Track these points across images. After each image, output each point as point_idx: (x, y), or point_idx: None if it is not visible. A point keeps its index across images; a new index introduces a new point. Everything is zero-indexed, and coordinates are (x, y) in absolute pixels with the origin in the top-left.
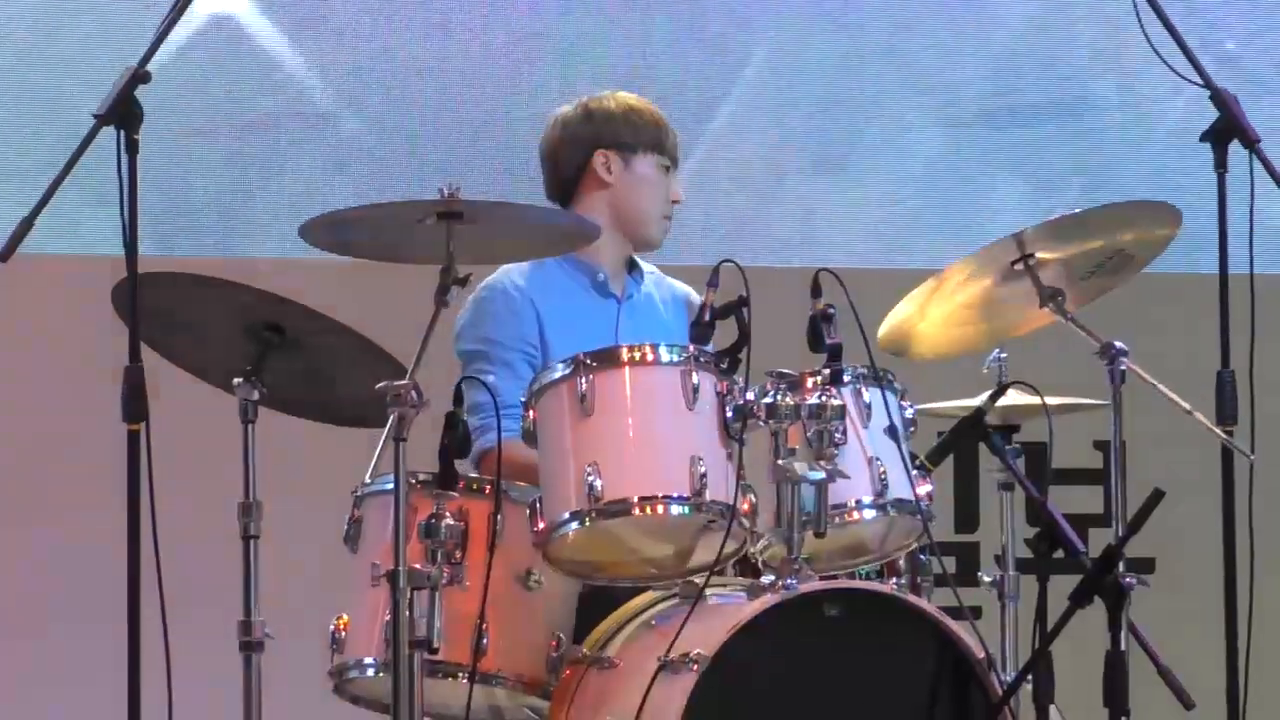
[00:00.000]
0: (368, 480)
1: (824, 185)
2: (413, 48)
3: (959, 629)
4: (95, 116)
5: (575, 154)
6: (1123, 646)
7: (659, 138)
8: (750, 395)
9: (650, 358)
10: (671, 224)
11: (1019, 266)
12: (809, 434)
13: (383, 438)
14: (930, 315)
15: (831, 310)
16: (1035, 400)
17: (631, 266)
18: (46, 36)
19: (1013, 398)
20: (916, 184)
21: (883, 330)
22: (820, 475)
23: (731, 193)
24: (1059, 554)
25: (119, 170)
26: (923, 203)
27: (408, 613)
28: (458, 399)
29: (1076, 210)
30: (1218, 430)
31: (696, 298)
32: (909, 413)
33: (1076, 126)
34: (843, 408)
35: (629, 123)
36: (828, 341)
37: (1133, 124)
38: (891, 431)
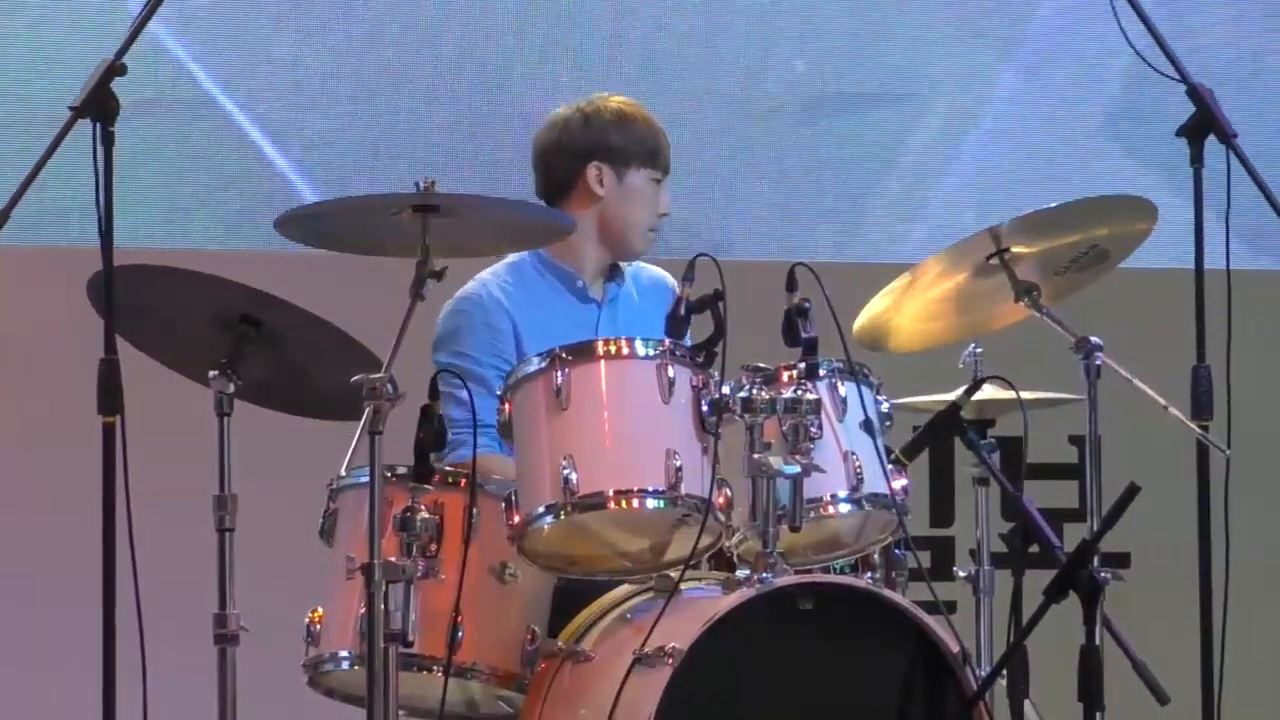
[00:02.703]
0: (343, 473)
1: (804, 182)
2: (390, 41)
3: (934, 624)
4: (71, 109)
5: (569, 162)
6: (1098, 641)
7: (653, 150)
8: (726, 389)
9: (626, 351)
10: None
11: (994, 261)
12: (784, 428)
13: (358, 431)
14: (906, 309)
15: (807, 304)
16: (1010, 395)
17: (612, 269)
18: (23, 27)
19: (988, 392)
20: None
21: (858, 324)
22: (795, 469)
23: (713, 189)
24: (1034, 549)
25: (95, 163)
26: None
27: (383, 606)
28: (433, 393)
29: (1052, 205)
30: (1193, 425)
31: (673, 281)
32: (884, 407)
33: None
34: (818, 402)
35: (625, 135)
36: (803, 335)
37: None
38: (867, 426)
